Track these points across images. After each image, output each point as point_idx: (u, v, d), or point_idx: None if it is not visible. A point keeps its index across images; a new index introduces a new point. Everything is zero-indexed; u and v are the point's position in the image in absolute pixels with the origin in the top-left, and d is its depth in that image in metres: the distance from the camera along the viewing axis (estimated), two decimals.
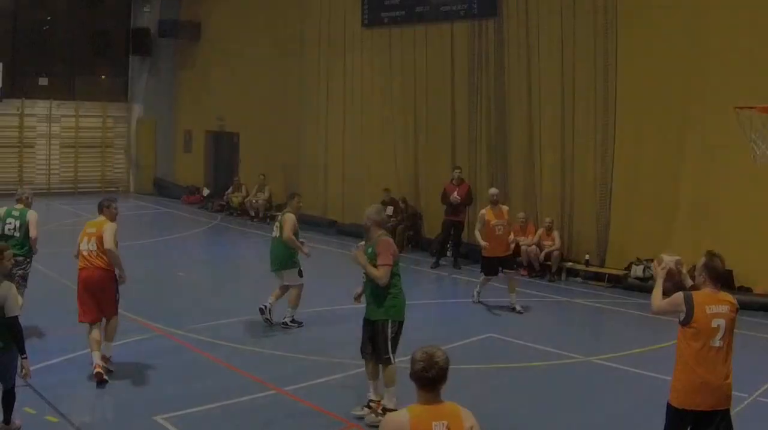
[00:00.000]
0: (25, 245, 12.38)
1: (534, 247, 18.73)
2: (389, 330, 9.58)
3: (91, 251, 10.94)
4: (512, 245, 16.53)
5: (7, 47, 31.41)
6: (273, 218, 25.24)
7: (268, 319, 13.77)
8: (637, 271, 17.30)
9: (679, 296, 7.10)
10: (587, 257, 18.45)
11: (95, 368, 10.57)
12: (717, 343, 6.97)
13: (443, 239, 20.17)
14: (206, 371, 11.54)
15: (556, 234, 18.67)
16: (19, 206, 12.67)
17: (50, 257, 20.19)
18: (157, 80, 34.01)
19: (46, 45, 32.84)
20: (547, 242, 18.70)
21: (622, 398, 10.85)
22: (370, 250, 9.59)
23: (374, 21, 23.77)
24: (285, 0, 27.29)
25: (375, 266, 9.44)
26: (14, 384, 8.54)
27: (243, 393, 10.53)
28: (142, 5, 33.09)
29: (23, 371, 8.26)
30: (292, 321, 13.88)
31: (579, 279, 18.48)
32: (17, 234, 12.38)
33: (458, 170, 19.63)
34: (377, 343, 9.58)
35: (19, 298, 8.47)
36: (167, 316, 14.20)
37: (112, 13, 34.20)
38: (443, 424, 5.06)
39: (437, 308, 16.29)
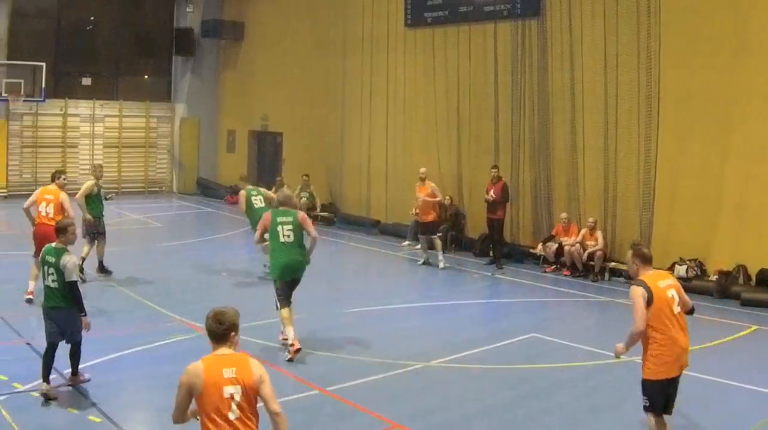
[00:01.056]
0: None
1: (577, 247, 19.14)
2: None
3: (49, 212, 14.86)
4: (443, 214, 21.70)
5: (51, 47, 32.36)
6: (315, 218, 25.87)
7: None
8: (680, 271, 17.59)
9: (636, 291, 8.23)
10: None
11: (31, 294, 14.54)
12: (677, 309, 8.30)
13: (486, 236, 20.73)
14: None
15: (599, 234, 19.05)
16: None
17: (93, 257, 20.55)
18: (200, 80, 34.90)
19: (89, 45, 33.84)
20: (590, 242, 19.11)
21: None
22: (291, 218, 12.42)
23: (417, 21, 24.31)
24: (328, 0, 27.87)
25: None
26: (80, 340, 10.50)
27: (286, 393, 10.60)
28: (185, 5, 33.86)
29: (85, 326, 10.39)
30: None
31: (622, 279, 18.72)
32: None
33: (495, 169, 20.25)
34: None
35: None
36: None
37: (155, 13, 35.13)
38: (232, 370, 6.10)
39: (480, 308, 16.64)
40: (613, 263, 19.02)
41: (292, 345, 11.98)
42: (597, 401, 10.96)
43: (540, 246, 20.08)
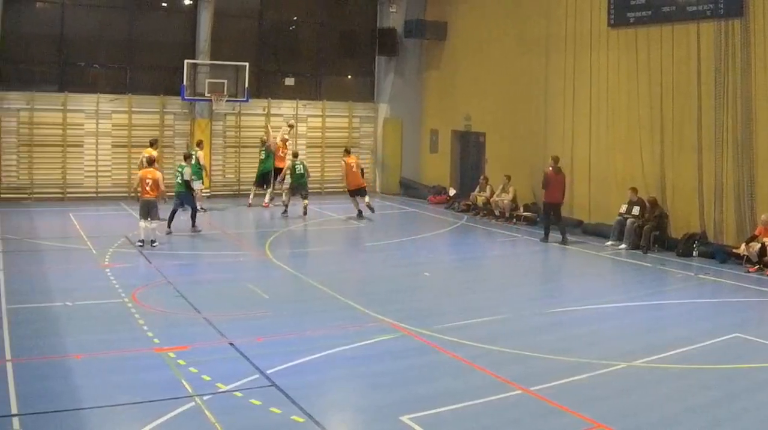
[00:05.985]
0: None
1: None
2: None
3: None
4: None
5: (254, 48, 36.20)
6: (518, 218, 27.87)
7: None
8: None
9: (341, 163, 29.19)
10: None
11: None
12: (355, 169, 29.12)
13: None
14: (452, 371, 12.76)
15: None
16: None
17: (297, 256, 23.36)
18: (403, 80, 38.09)
19: (291, 45, 37.68)
20: None
21: None
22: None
23: (620, 21, 26.72)
24: None
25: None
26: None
27: (489, 393, 11.57)
28: (388, 6, 37.21)
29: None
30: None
31: None
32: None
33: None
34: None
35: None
36: (413, 316, 15.70)
37: (358, 13, 38.66)
38: (152, 174, 22.65)
39: (682, 307, 17.69)
40: None
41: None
42: None
43: (743, 246, 21.72)
